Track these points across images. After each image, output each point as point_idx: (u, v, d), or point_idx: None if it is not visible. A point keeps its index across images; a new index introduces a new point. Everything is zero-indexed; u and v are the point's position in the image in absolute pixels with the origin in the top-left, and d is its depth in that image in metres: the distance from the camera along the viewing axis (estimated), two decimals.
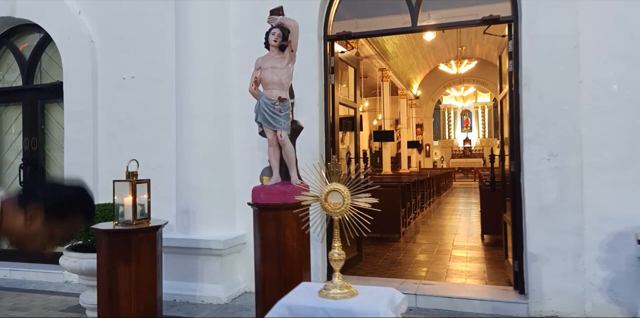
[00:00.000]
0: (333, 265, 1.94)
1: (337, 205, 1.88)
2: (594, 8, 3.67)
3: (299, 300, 1.85)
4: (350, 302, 1.81)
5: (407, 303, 2.00)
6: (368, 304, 1.78)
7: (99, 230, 2.71)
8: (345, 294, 1.85)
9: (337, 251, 1.92)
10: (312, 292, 1.91)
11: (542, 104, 3.73)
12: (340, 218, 1.92)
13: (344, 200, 1.87)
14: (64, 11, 5.28)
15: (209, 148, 4.42)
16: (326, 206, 1.90)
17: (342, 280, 1.89)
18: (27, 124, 5.75)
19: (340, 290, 1.86)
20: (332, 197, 1.88)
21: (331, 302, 1.81)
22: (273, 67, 2.94)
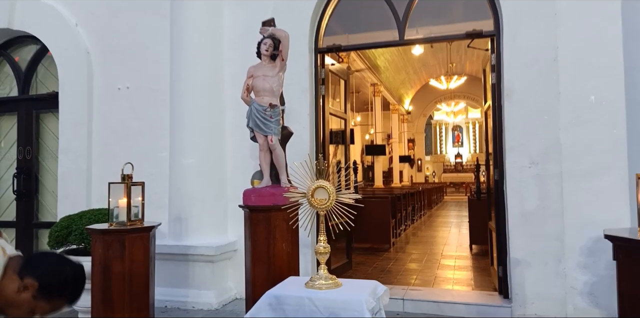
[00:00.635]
0: (319, 258, 2.04)
1: (323, 201, 1.99)
2: (573, 23, 3.85)
3: (286, 290, 1.95)
4: (334, 292, 1.91)
5: (389, 295, 2.10)
6: (352, 294, 1.88)
7: (94, 230, 2.80)
8: (330, 285, 1.95)
9: (323, 244, 2.02)
10: (299, 284, 2.01)
11: (524, 114, 3.88)
12: (325, 213, 2.02)
13: (330, 196, 1.98)
14: (61, 23, 5.41)
15: (201, 156, 4.52)
16: (313, 202, 2.01)
17: (327, 273, 1.99)
18: (22, 133, 5.82)
19: (326, 281, 1.96)
20: (319, 194, 1.99)
21: (317, 292, 1.90)
22: (265, 75, 3.08)
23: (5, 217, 5.83)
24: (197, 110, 4.54)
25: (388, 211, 7.21)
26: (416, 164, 28.07)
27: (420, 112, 27.16)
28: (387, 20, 4.51)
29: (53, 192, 5.61)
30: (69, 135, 5.26)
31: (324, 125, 4.56)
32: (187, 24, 4.55)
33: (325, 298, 1.85)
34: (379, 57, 16.33)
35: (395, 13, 4.45)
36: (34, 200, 5.72)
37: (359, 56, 14.24)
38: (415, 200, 11.24)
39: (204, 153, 4.52)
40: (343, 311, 1.81)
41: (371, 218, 7.03)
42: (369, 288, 1.96)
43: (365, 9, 4.71)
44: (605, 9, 3.78)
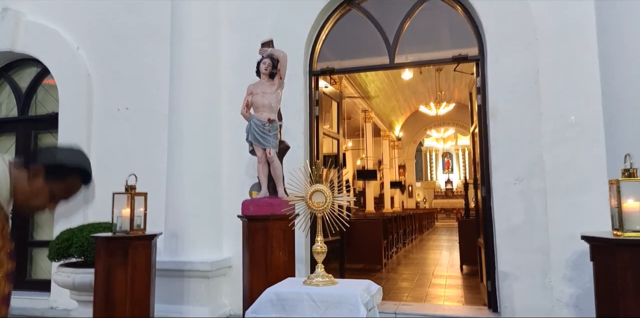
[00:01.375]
0: (316, 258, 2.16)
1: (320, 204, 2.13)
2: (552, 49, 4.10)
3: (285, 287, 2.06)
4: (331, 288, 2.02)
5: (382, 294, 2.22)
6: (347, 289, 1.99)
7: (99, 237, 2.89)
8: (327, 282, 2.06)
9: (320, 244, 2.15)
10: (297, 282, 2.12)
11: (508, 133, 4.08)
12: (322, 215, 2.15)
13: (326, 199, 2.12)
14: (63, 46, 5.60)
15: (198, 175, 4.64)
16: (310, 205, 2.15)
17: (323, 271, 2.11)
18: (20, 153, 5.92)
19: (322, 279, 2.07)
20: (316, 197, 2.13)
21: (314, 288, 2.01)
22: (264, 92, 3.26)
23: None
24: (194, 129, 4.69)
25: (380, 232, 7.31)
26: (407, 190, 28.24)
27: (411, 138, 27.52)
28: (378, 46, 4.75)
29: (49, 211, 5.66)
30: None
31: (317, 144, 4.72)
32: (186, 48, 4.75)
33: (322, 293, 1.96)
34: (370, 84, 16.73)
35: (386, 39, 4.69)
36: (29, 220, 5.76)
37: (351, 83, 14.59)
38: (407, 223, 11.34)
39: (200, 171, 4.64)
40: (339, 304, 1.92)
41: (363, 239, 7.13)
42: (362, 285, 2.08)
43: (358, 34, 4.97)
44: (583, 35, 4.04)
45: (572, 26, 4.09)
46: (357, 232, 7.20)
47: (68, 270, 3.42)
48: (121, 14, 5.37)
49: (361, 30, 4.88)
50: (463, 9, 4.47)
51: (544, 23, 4.14)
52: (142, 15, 5.27)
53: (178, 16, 4.82)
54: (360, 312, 1.88)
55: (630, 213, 2.21)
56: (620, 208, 2.23)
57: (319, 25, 4.77)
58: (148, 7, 5.24)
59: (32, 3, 5.78)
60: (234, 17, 4.92)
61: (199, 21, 4.81)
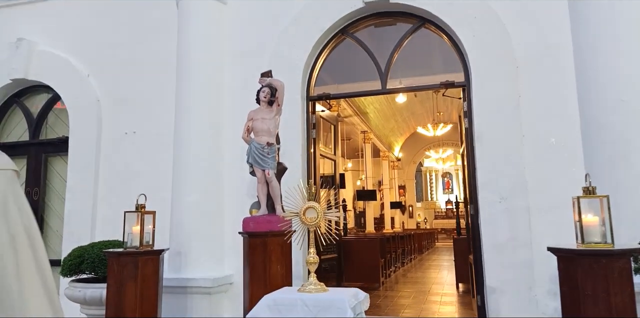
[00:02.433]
0: (309, 267, 2.39)
1: (312, 219, 2.37)
2: (532, 74, 4.40)
3: (281, 294, 2.29)
4: (322, 295, 2.25)
5: (369, 301, 2.44)
6: (336, 295, 2.22)
7: (111, 252, 3.13)
8: (318, 289, 2.29)
9: (312, 255, 2.38)
10: (292, 290, 2.35)
11: (492, 154, 4.34)
12: (315, 229, 2.40)
13: (318, 215, 2.36)
14: (74, 74, 5.92)
15: (201, 195, 4.88)
16: (304, 220, 2.39)
17: (316, 280, 2.34)
18: (31, 175, 6.19)
19: (315, 286, 2.30)
20: (309, 213, 2.37)
21: (307, 294, 2.24)
22: (263, 118, 3.54)
23: None
24: (198, 152, 4.95)
25: (377, 252, 7.50)
26: (407, 210, 28.35)
27: (410, 159, 27.79)
28: (371, 72, 5.07)
29: (57, 231, 5.89)
30: (77, 177, 5.63)
31: (315, 165, 4.99)
32: (191, 75, 5.06)
33: (314, 299, 2.19)
34: (369, 106, 17.10)
35: (378, 66, 5.01)
36: None
37: (349, 105, 14.95)
38: (405, 243, 11.51)
39: (203, 192, 4.88)
40: (329, 308, 2.15)
41: (361, 258, 7.32)
42: (350, 292, 2.30)
43: (352, 61, 5.29)
44: (561, 61, 4.34)
45: (550, 53, 4.40)
46: (355, 251, 7.40)
47: (80, 285, 3.63)
48: (129, 44, 5.70)
49: (355, 58, 5.20)
50: (449, 38, 4.79)
51: (524, 51, 4.45)
52: (149, 45, 5.60)
53: (184, 46, 5.15)
54: (347, 313, 2.10)
55: (589, 226, 2.44)
56: (580, 222, 2.47)
57: (315, 53, 5.09)
58: (154, 38, 5.58)
59: (44, 33, 6.14)
60: (236, 47, 5.25)
61: (203, 51, 5.12)
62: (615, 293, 2.22)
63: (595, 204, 2.47)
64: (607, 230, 2.42)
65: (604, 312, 2.21)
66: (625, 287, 2.23)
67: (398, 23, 5.12)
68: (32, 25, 6.19)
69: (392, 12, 4.96)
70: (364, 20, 5.08)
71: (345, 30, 5.11)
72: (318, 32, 4.99)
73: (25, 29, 6.17)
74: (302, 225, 2.40)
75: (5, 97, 6.37)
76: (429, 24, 4.90)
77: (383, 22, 5.13)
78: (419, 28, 4.95)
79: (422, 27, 4.95)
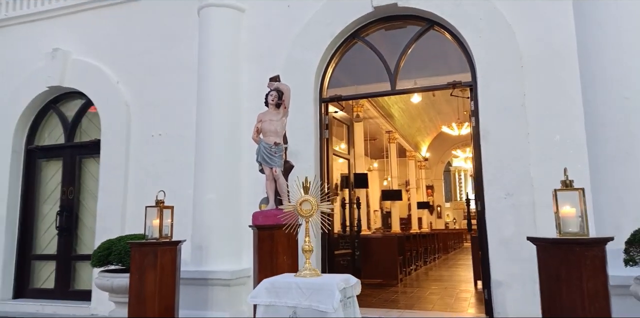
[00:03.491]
0: (304, 255, 2.63)
1: (307, 211, 2.60)
2: (537, 73, 4.50)
3: (279, 279, 2.52)
4: (315, 279, 2.48)
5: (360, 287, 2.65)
6: (327, 279, 2.44)
7: (134, 243, 3.44)
8: (312, 274, 2.52)
9: (307, 244, 2.61)
10: (290, 276, 2.58)
11: (498, 152, 4.47)
12: (309, 221, 2.62)
13: (312, 207, 2.59)
14: (105, 81, 6.32)
15: (221, 193, 5.17)
16: (300, 211, 2.62)
17: (310, 266, 2.56)
18: (66, 176, 6.63)
19: (309, 272, 2.54)
20: (305, 205, 2.60)
21: (302, 279, 2.48)
22: (271, 120, 3.80)
23: (48, 251, 6.52)
24: (217, 153, 5.25)
25: (395, 249, 7.65)
26: (435, 211, 28.20)
27: (438, 158, 27.65)
28: (381, 74, 5.26)
29: (90, 227, 6.30)
30: (108, 177, 6.02)
31: (328, 164, 5.21)
32: (211, 79, 5.37)
33: (307, 282, 2.42)
34: (393, 105, 17.16)
35: (388, 67, 5.20)
36: (73, 235, 6.42)
37: (373, 105, 15.08)
38: (428, 242, 11.58)
39: (223, 189, 5.18)
40: (320, 291, 2.36)
41: (379, 255, 7.50)
42: (342, 277, 2.52)
43: (363, 64, 5.48)
44: (565, 60, 4.43)
45: (555, 52, 4.49)
46: (373, 249, 7.58)
47: (108, 275, 3.97)
48: (154, 51, 6.06)
49: (366, 61, 5.40)
50: (456, 39, 4.93)
51: (529, 50, 4.56)
52: (172, 52, 5.94)
53: (204, 52, 5.46)
54: (335, 295, 2.31)
55: (566, 217, 2.58)
56: (558, 214, 2.61)
57: (327, 57, 5.32)
58: (177, 45, 5.92)
59: (77, 43, 6.57)
60: (252, 52, 5.53)
61: (222, 56, 5.43)
62: (587, 279, 2.35)
63: (573, 197, 2.61)
64: (583, 221, 2.56)
65: (577, 298, 2.35)
66: (598, 274, 2.37)
67: (408, 26, 5.29)
68: (67, 35, 6.64)
69: (401, 15, 5.14)
70: (375, 24, 5.28)
71: (357, 34, 5.32)
72: (330, 36, 5.21)
73: (60, 40, 6.62)
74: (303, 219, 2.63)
75: (43, 104, 6.84)
76: (437, 26, 5.06)
77: (393, 25, 5.32)
78: (427, 30, 5.11)
79: (431, 29, 5.11)
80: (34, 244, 6.63)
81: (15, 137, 6.69)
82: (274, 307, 2.43)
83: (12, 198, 6.55)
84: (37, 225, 6.70)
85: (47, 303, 5.96)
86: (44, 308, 5.93)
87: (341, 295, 2.36)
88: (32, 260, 6.56)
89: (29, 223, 6.65)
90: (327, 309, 2.27)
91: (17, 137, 6.72)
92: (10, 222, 6.49)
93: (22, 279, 6.47)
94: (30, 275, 6.51)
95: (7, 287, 6.31)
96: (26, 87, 6.71)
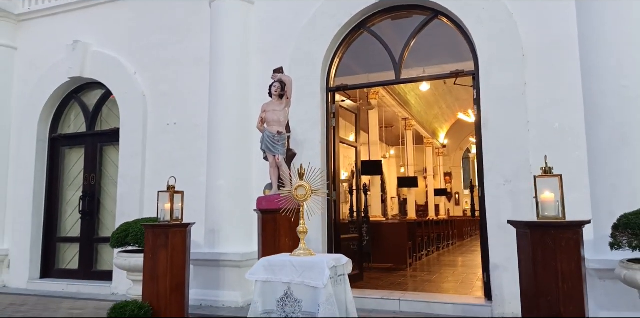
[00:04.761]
0: (299, 236, 2.84)
1: (302, 196, 2.80)
2: (538, 64, 4.58)
3: (276, 257, 2.75)
4: (308, 258, 2.71)
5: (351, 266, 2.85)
6: (319, 258, 2.65)
7: (147, 225, 3.72)
8: (306, 254, 2.75)
9: (302, 225, 2.83)
10: (286, 255, 2.80)
11: (498, 139, 4.59)
12: (304, 205, 2.83)
13: (307, 192, 2.79)
14: (122, 72, 6.59)
15: (232, 180, 5.41)
16: (295, 196, 2.83)
17: (305, 246, 2.78)
18: (88, 163, 6.96)
19: (303, 251, 2.76)
20: (299, 190, 2.80)
21: (296, 258, 2.70)
22: (274, 110, 4.00)
23: (72, 233, 6.90)
24: (229, 141, 5.48)
25: (405, 235, 7.83)
26: (454, 198, 28.16)
27: (457, 145, 27.48)
28: (387, 63, 5.38)
29: (111, 211, 6.64)
30: (127, 164, 6.32)
31: (334, 152, 5.39)
32: (222, 71, 5.57)
33: (300, 261, 2.64)
34: (409, 92, 17.12)
35: (393, 57, 5.32)
36: (95, 219, 6.77)
37: (389, 92, 15.10)
38: (441, 229, 11.72)
39: (234, 176, 5.41)
40: (311, 268, 2.59)
41: (389, 240, 7.69)
42: (333, 256, 2.74)
43: (368, 54, 5.62)
44: (566, 50, 4.50)
45: (556, 42, 4.56)
46: (383, 234, 7.77)
47: (125, 255, 4.27)
48: (169, 43, 6.29)
49: (372, 50, 5.52)
50: (459, 29, 5.02)
51: (530, 40, 4.63)
52: (185, 44, 6.17)
53: (216, 44, 5.66)
54: (325, 273, 2.53)
55: (546, 202, 2.72)
56: (537, 199, 2.76)
57: (334, 47, 5.46)
58: (190, 37, 6.14)
59: (96, 35, 6.84)
60: (261, 43, 5.71)
61: (233, 48, 5.62)
62: (562, 261, 2.50)
63: (552, 183, 2.74)
64: (561, 205, 2.70)
65: (552, 278, 2.51)
66: (572, 256, 2.51)
67: (413, 15, 5.39)
68: (86, 28, 6.91)
69: (406, 5, 5.24)
70: (380, 14, 5.39)
71: (363, 24, 5.44)
72: (336, 26, 5.35)
73: (80, 32, 6.90)
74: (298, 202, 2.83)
75: (65, 94, 7.17)
76: (442, 16, 5.15)
77: (399, 15, 5.42)
78: (431, 20, 5.21)
79: (435, 19, 5.21)
80: (59, 227, 7.02)
81: (39, 126, 7.04)
82: (270, 282, 2.66)
83: (38, 185, 6.92)
84: (61, 209, 7.08)
85: (71, 283, 6.35)
86: (68, 287, 6.32)
87: (331, 273, 2.57)
88: (57, 242, 6.96)
89: (54, 208, 7.03)
90: (318, 285, 2.49)
91: (41, 126, 7.07)
92: (37, 207, 6.87)
93: (49, 260, 6.87)
94: (55, 256, 6.91)
95: (35, 268, 6.73)
96: (49, 78, 7.03)
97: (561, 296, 2.50)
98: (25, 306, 5.32)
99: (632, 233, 2.85)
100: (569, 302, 2.48)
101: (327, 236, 5.24)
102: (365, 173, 11.78)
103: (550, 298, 2.53)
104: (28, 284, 6.57)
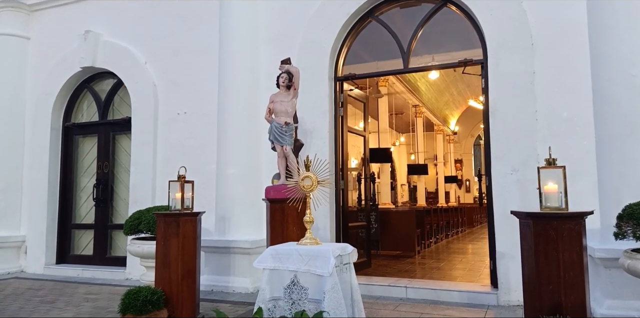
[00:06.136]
0: (306, 225, 2.91)
1: (308, 187, 2.86)
2: (546, 53, 4.56)
3: (283, 246, 2.82)
4: (314, 247, 2.77)
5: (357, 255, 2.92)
6: (324, 247, 2.72)
7: (159, 213, 3.81)
8: (312, 243, 2.82)
9: (308, 215, 2.89)
10: (293, 244, 2.88)
11: (506, 128, 4.59)
12: (310, 195, 2.89)
13: (313, 183, 2.84)
14: (133, 62, 6.65)
15: (242, 168, 5.49)
16: (301, 187, 2.89)
17: (311, 235, 2.85)
18: (101, 151, 7.08)
19: (310, 240, 2.83)
20: (306, 181, 2.86)
21: (303, 246, 2.77)
22: (282, 101, 4.04)
23: (86, 220, 7.06)
24: (238, 130, 5.54)
25: (413, 222, 7.89)
26: (464, 185, 28.09)
27: (468, 132, 27.29)
28: (395, 52, 5.38)
29: (124, 199, 6.77)
30: (139, 152, 6.42)
31: (342, 141, 5.43)
32: (231, 61, 5.61)
33: (307, 249, 2.71)
34: (420, 79, 16.99)
35: (401, 46, 5.31)
36: (109, 206, 6.92)
37: (399, 79, 15.03)
38: (450, 216, 11.75)
39: (244, 165, 5.49)
40: (317, 257, 2.66)
41: (397, 228, 7.76)
42: (338, 245, 2.80)
43: (377, 43, 5.61)
44: (575, 38, 4.47)
45: (565, 30, 4.52)
46: (391, 222, 7.84)
47: (138, 242, 4.39)
48: (179, 33, 6.33)
49: (380, 39, 5.52)
50: (468, 17, 4.99)
51: (539, 28, 4.60)
52: (195, 33, 6.20)
53: (225, 34, 5.69)
54: (330, 261, 2.60)
55: (549, 193, 2.75)
56: (540, 189, 2.78)
57: (342, 37, 5.46)
58: (199, 27, 6.18)
59: (107, 25, 6.90)
60: (269, 33, 5.73)
61: (242, 37, 5.65)
62: (563, 250, 2.54)
63: (556, 174, 2.76)
64: (565, 196, 2.72)
65: (553, 268, 2.55)
66: (574, 245, 2.55)
67: (422, 3, 5.36)
68: (97, 18, 6.96)
69: None
70: (389, 2, 5.37)
71: (372, 13, 5.43)
72: (344, 15, 5.34)
73: (91, 22, 6.96)
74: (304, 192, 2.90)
75: (77, 83, 7.26)
76: (450, 4, 5.11)
77: (408, 3, 5.39)
78: (440, 8, 5.18)
79: (444, 6, 5.17)
80: (74, 214, 7.18)
81: (53, 115, 7.15)
82: (277, 270, 2.74)
83: (53, 173, 7.07)
84: (76, 197, 7.23)
85: (86, 268, 6.52)
86: (83, 272, 6.49)
87: (337, 262, 2.64)
88: (72, 229, 7.13)
89: (69, 196, 7.19)
90: (323, 273, 2.56)
91: (55, 115, 7.18)
92: (52, 195, 7.02)
93: (64, 246, 7.06)
94: (71, 242, 7.09)
95: (51, 253, 6.91)
96: (61, 68, 7.12)
97: (562, 285, 2.55)
98: (43, 290, 5.50)
99: (636, 223, 2.87)
100: (570, 291, 2.53)
101: (335, 224, 5.32)
102: (373, 161, 11.81)
103: (552, 287, 2.58)
104: (45, 269, 6.76)
